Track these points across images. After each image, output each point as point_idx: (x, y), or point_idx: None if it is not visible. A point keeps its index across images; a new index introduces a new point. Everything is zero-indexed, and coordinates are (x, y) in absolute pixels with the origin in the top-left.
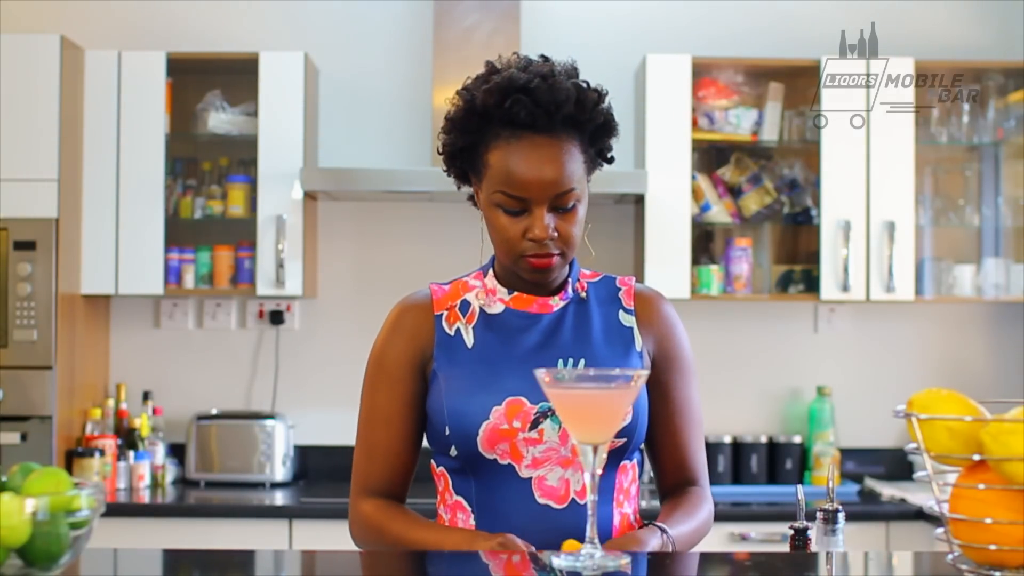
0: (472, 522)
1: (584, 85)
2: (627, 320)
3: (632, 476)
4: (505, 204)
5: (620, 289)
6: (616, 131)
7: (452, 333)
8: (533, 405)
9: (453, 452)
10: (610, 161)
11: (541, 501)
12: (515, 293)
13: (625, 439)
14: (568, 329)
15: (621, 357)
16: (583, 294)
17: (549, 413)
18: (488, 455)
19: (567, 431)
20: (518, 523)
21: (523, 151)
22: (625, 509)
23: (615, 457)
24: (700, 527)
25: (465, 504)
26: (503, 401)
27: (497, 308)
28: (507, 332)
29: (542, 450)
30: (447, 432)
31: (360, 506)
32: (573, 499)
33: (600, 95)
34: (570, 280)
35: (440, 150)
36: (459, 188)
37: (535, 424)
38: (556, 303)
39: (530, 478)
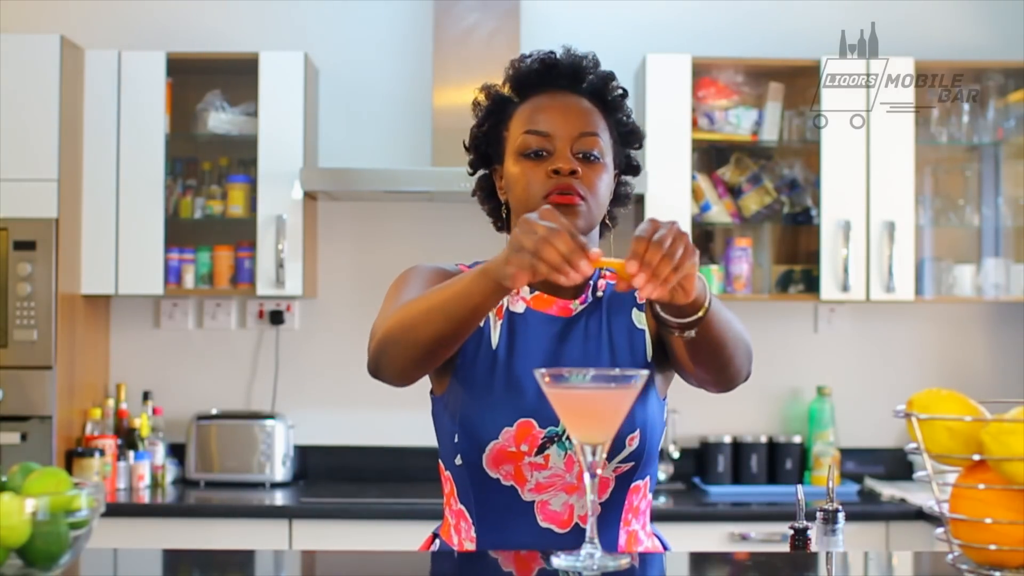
0: (474, 534)
1: (611, 72)
2: (640, 321)
3: (643, 493)
4: (529, 144)
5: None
6: (642, 138)
7: (481, 324)
8: (541, 429)
9: (459, 461)
10: (636, 172)
11: (543, 525)
12: (536, 292)
13: (632, 463)
14: (578, 342)
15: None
16: (601, 293)
17: (556, 438)
18: (492, 473)
19: (571, 457)
20: (519, 543)
21: (548, 99)
22: (633, 527)
23: (624, 480)
24: (735, 323)
25: (467, 515)
26: (514, 423)
27: (519, 307)
28: (526, 338)
29: (547, 475)
30: (456, 439)
31: (381, 324)
32: (576, 524)
33: (625, 92)
34: (590, 283)
35: (466, 144)
36: (473, 194)
37: (541, 449)
38: (576, 307)
39: (532, 502)
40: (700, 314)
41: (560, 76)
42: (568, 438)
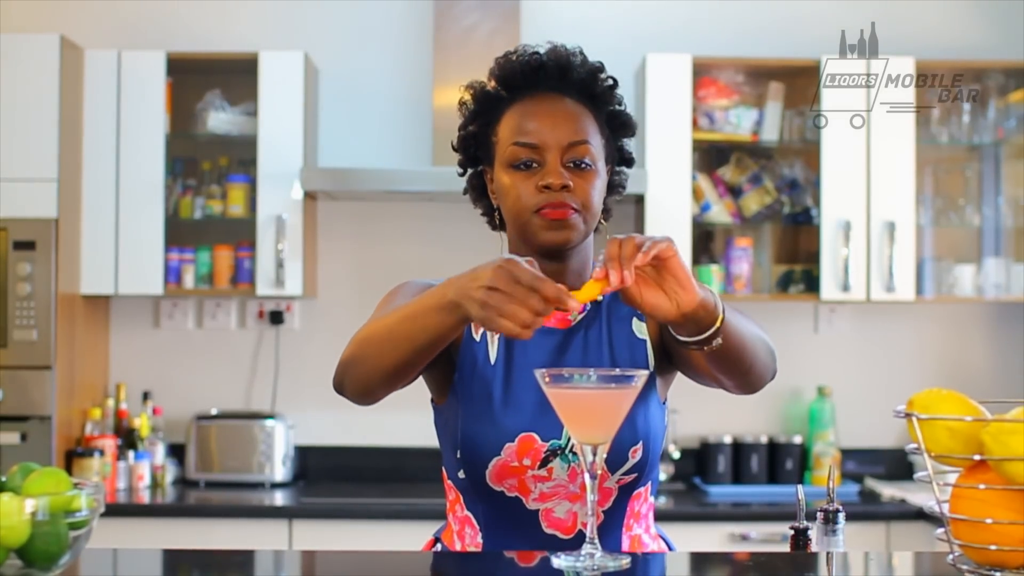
0: (480, 540)
1: (598, 64)
2: (640, 331)
3: (644, 498)
4: (518, 156)
5: None
6: (634, 127)
7: (478, 338)
8: (544, 443)
9: (462, 474)
10: (630, 164)
11: (548, 531)
12: None
13: (636, 474)
14: (577, 354)
15: None
16: (600, 299)
17: (559, 451)
18: (496, 487)
19: (575, 468)
20: (525, 548)
21: (535, 104)
22: (636, 531)
23: (626, 489)
24: (751, 326)
25: (474, 521)
26: (515, 438)
27: None
28: (524, 352)
29: (550, 486)
30: (458, 455)
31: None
32: (580, 530)
33: (615, 82)
34: None
35: (454, 145)
36: (465, 192)
37: (545, 462)
38: (574, 317)
39: (537, 510)
40: (717, 324)
41: (547, 77)
42: (571, 450)
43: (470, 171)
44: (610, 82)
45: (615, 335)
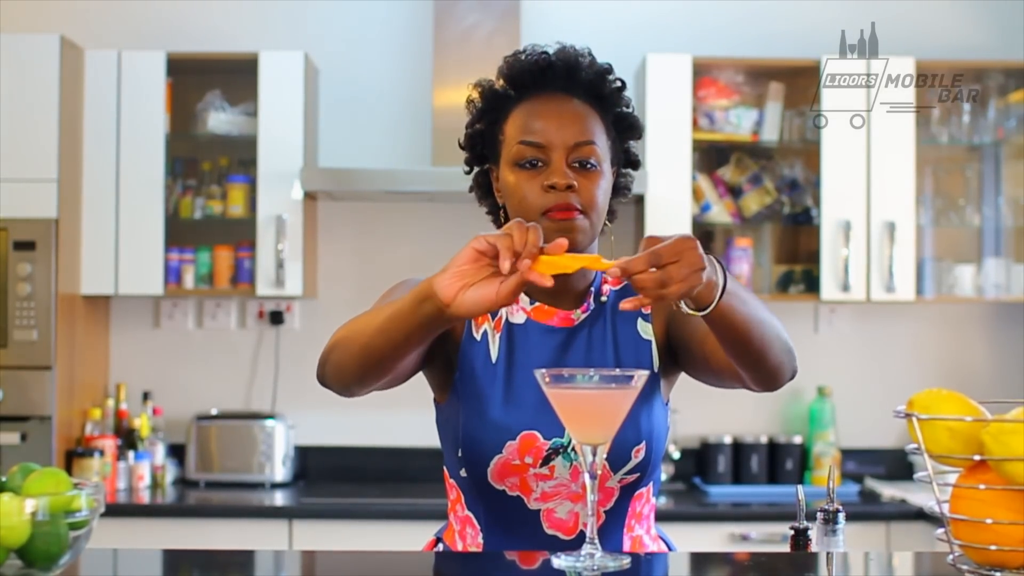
0: (480, 540)
1: (607, 65)
2: (646, 332)
3: (646, 498)
4: (524, 155)
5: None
6: (641, 130)
7: (479, 337)
8: (546, 441)
9: (463, 473)
10: (636, 166)
11: (549, 532)
12: (536, 304)
13: (638, 474)
14: (580, 353)
15: None
16: (604, 298)
17: (561, 450)
18: (497, 486)
19: (576, 467)
20: (526, 548)
21: (542, 104)
22: (637, 532)
23: (628, 489)
24: (764, 312)
25: (475, 521)
26: (517, 436)
27: (519, 318)
28: (527, 350)
29: (552, 485)
30: (460, 453)
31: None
32: (582, 531)
33: (623, 83)
34: (592, 289)
35: (461, 143)
36: (470, 190)
37: (547, 460)
38: (577, 316)
39: (539, 510)
40: (715, 303)
41: (555, 77)
42: (573, 449)
43: (476, 169)
44: (618, 84)
45: (620, 334)
